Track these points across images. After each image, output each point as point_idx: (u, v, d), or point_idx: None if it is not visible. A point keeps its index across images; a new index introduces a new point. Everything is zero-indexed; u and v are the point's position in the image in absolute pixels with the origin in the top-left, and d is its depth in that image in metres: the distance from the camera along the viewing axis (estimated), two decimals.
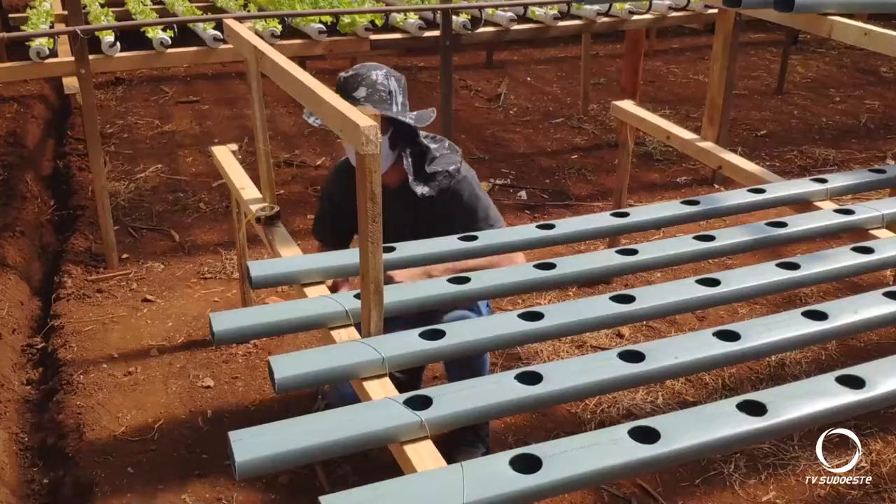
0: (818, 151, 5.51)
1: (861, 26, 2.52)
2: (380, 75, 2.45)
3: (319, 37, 4.15)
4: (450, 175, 2.52)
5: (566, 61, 7.85)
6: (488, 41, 5.53)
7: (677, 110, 6.31)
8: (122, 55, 3.80)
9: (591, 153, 5.54)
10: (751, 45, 8.12)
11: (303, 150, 5.46)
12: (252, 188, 2.88)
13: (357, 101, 2.39)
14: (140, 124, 5.92)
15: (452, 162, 2.55)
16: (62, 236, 4.32)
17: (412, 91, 2.79)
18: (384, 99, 2.42)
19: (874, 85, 7.07)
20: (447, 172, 2.52)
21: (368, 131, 1.68)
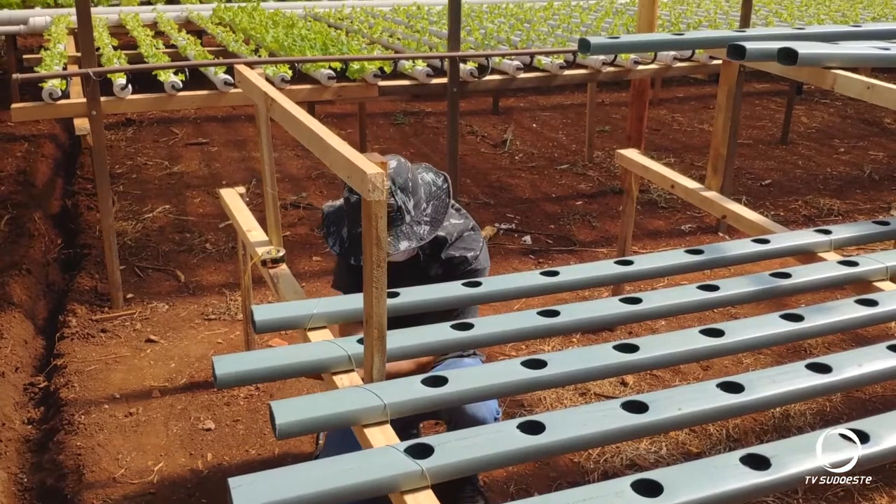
0: (823, 201, 5.53)
1: (864, 80, 2.55)
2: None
3: (329, 82, 4.21)
4: (466, 261, 2.44)
5: (572, 108, 7.93)
6: (495, 88, 5.59)
7: (682, 158, 6.35)
8: (133, 97, 3.85)
9: (595, 199, 5.57)
10: (755, 95, 8.19)
11: (310, 192, 5.50)
12: (259, 231, 2.89)
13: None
14: (149, 165, 5.97)
15: (472, 248, 2.46)
16: (68, 275, 4.34)
17: (419, 135, 2.81)
18: (394, 220, 2.30)
19: (878, 136, 7.11)
20: (465, 258, 2.43)
21: (375, 178, 1.70)
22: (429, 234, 2.35)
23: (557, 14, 6.36)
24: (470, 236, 2.48)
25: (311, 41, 4.69)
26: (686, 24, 5.75)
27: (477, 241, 2.49)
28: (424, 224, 2.35)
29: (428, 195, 2.42)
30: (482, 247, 2.50)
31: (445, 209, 2.41)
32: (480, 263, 2.47)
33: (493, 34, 5.37)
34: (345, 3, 6.88)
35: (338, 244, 2.42)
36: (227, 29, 5.48)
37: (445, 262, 2.45)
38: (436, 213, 2.39)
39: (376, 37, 5.36)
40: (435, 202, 2.42)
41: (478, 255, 2.47)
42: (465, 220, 2.53)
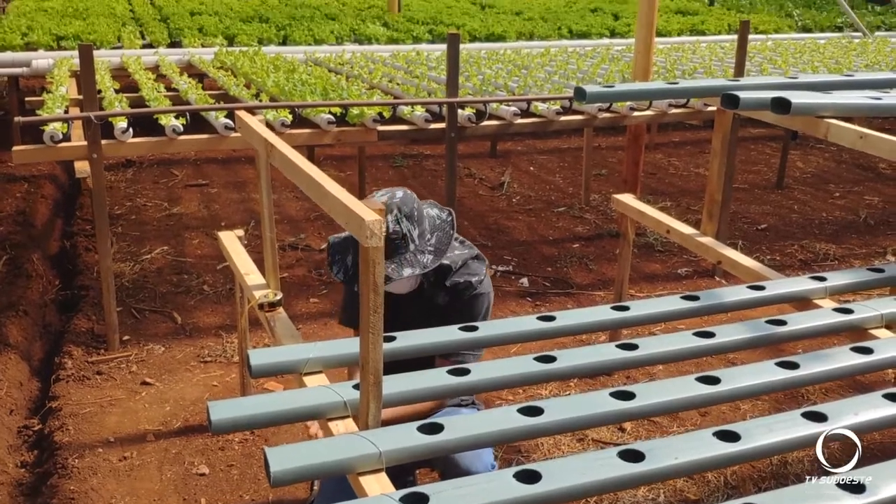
0: (819, 246, 5.55)
1: (857, 129, 2.59)
2: (389, 220, 2.33)
3: (329, 127, 4.25)
4: (471, 286, 2.47)
5: (568, 152, 8.00)
6: (492, 133, 5.65)
7: (678, 202, 6.39)
8: (134, 141, 3.89)
9: (592, 242, 5.59)
10: (751, 140, 8.27)
11: (308, 233, 5.52)
12: (256, 274, 2.90)
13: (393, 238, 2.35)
14: (148, 206, 6.00)
15: (476, 273, 2.50)
16: (65, 316, 4.33)
17: (417, 177, 2.84)
18: (399, 248, 2.34)
19: (873, 181, 7.17)
20: (469, 283, 2.47)
21: (373, 225, 1.71)
22: (432, 263, 2.39)
23: (554, 60, 6.45)
24: (473, 263, 2.53)
25: (312, 86, 4.74)
26: (681, 70, 5.83)
27: (480, 268, 2.53)
28: (428, 253, 2.40)
29: (432, 227, 2.47)
30: (485, 273, 2.54)
31: (449, 240, 2.46)
32: (484, 288, 2.51)
33: (490, 80, 5.44)
34: (345, 49, 6.97)
35: (342, 272, 2.44)
36: (228, 73, 5.54)
37: (451, 289, 2.48)
38: (439, 244, 2.44)
39: (376, 82, 5.42)
40: (439, 233, 2.47)
41: (482, 279, 2.51)
42: (469, 249, 2.58)
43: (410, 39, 7.62)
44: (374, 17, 8.66)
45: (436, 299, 2.50)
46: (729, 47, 7.20)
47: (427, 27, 8.07)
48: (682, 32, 8.55)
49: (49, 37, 6.58)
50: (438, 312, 2.50)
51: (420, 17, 8.64)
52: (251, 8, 9.03)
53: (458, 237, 2.58)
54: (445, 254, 2.44)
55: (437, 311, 2.51)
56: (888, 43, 8.10)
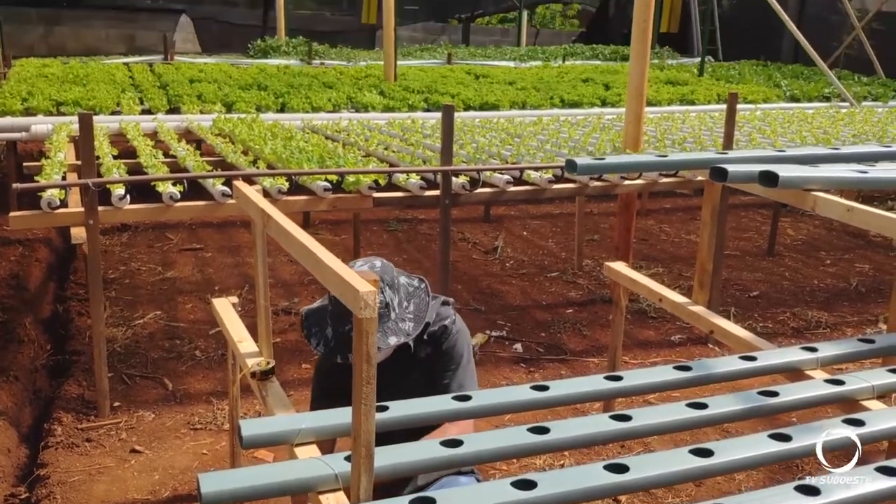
0: (810, 314, 5.58)
1: (844, 203, 2.63)
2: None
3: (325, 194, 4.30)
4: (447, 330, 2.58)
5: (561, 217, 8.08)
6: (486, 200, 5.71)
7: (670, 269, 6.44)
8: (131, 207, 3.92)
9: (585, 307, 5.61)
10: (741, 207, 8.36)
11: (301, 298, 5.53)
12: (249, 341, 2.90)
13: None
14: (142, 270, 6.01)
15: (447, 316, 2.60)
16: (56, 382, 4.30)
17: (412, 241, 2.87)
18: (381, 317, 2.37)
19: (863, 248, 7.23)
20: (444, 328, 2.57)
21: (367, 296, 1.73)
22: (414, 330, 2.45)
23: (546, 129, 6.56)
24: (442, 309, 2.61)
25: (309, 153, 4.81)
26: (671, 140, 5.93)
27: (448, 310, 2.62)
28: (409, 321, 2.45)
29: (408, 295, 2.53)
30: (454, 312, 2.63)
31: (426, 306, 2.53)
32: (458, 326, 2.61)
33: (484, 148, 5.52)
34: (342, 116, 7.09)
35: (322, 344, 2.46)
36: (226, 140, 5.62)
37: (430, 340, 2.55)
38: (418, 311, 2.50)
39: (372, 149, 5.50)
40: (415, 300, 2.53)
41: (454, 319, 2.60)
42: (434, 298, 2.64)
43: (406, 108, 7.75)
44: (371, 86, 8.82)
45: (418, 353, 2.55)
46: (718, 117, 7.33)
47: (422, 96, 8.22)
48: (671, 102, 8.72)
49: (49, 102, 6.67)
50: (419, 364, 2.54)
51: (416, 87, 8.80)
52: (250, 76, 9.20)
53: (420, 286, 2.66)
54: (424, 319, 2.51)
55: (416, 363, 2.55)
56: (875, 113, 8.26)
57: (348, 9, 17.09)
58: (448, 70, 11.14)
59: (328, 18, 17.35)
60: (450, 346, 2.59)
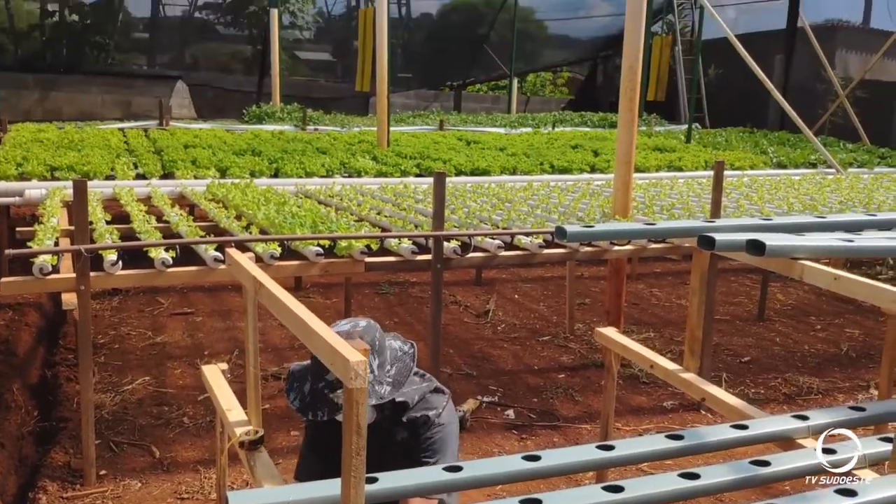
0: (802, 380, 5.57)
1: (830, 271, 2.66)
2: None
3: (317, 259, 4.32)
4: (428, 421, 2.52)
5: (552, 280, 8.11)
6: (477, 265, 5.74)
7: (661, 333, 6.44)
8: (123, 273, 3.93)
9: (577, 372, 5.59)
10: (731, 272, 8.41)
11: (291, 363, 5.49)
12: (238, 409, 2.88)
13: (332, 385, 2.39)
14: (132, 335, 5.98)
15: (434, 406, 2.54)
16: (42, 448, 4.24)
17: (403, 304, 2.88)
18: None
19: (853, 313, 7.26)
20: (427, 418, 2.51)
21: (358, 366, 1.73)
22: (388, 395, 2.42)
23: (537, 194, 6.63)
24: (432, 397, 2.56)
25: (301, 218, 4.85)
26: (659, 206, 6.00)
27: (439, 401, 2.56)
28: (387, 384, 2.44)
29: (393, 358, 2.52)
30: (445, 404, 2.56)
31: (408, 372, 2.51)
32: (444, 419, 2.54)
33: (475, 213, 5.58)
34: (335, 181, 7.16)
35: (297, 399, 2.47)
36: (219, 205, 5.65)
37: (409, 425, 2.51)
38: (398, 375, 2.48)
39: (364, 214, 5.54)
40: (399, 365, 2.52)
41: (440, 412, 2.53)
42: (429, 382, 2.62)
43: (399, 173, 7.84)
44: (364, 152, 8.93)
45: (395, 435, 2.51)
46: (706, 183, 7.44)
47: (415, 161, 8.32)
48: (660, 168, 8.84)
49: (43, 167, 6.72)
50: (400, 447, 2.51)
51: (408, 152, 8.92)
52: (244, 142, 9.31)
53: (418, 371, 2.63)
54: (403, 385, 2.48)
55: (397, 445, 2.52)
56: (861, 179, 8.40)
57: (343, 76, 17.41)
58: (440, 136, 11.31)
59: (323, 85, 17.66)
60: (428, 438, 2.53)
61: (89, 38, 15.92)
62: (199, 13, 16.85)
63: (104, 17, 16.05)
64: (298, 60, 17.71)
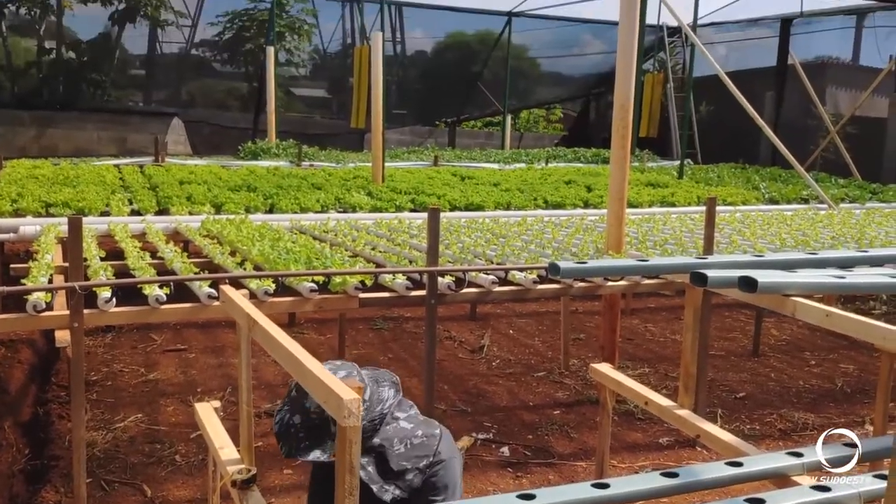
0: (797, 415, 5.55)
1: (823, 308, 2.68)
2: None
3: (311, 295, 4.32)
4: (420, 472, 2.45)
5: (547, 315, 8.10)
6: (472, 300, 5.75)
7: (656, 368, 6.43)
8: (116, 310, 3.92)
9: (572, 409, 5.57)
10: (725, 307, 8.42)
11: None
12: (231, 447, 2.87)
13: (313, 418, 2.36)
14: (125, 372, 5.95)
15: (426, 453, 2.47)
16: (33, 487, 4.19)
17: (398, 340, 2.87)
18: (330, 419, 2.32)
19: (848, 349, 7.26)
20: (417, 470, 2.44)
21: (351, 404, 1.73)
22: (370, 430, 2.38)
23: (531, 230, 6.66)
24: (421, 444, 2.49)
25: (296, 254, 4.85)
26: (653, 241, 6.02)
27: (429, 446, 2.49)
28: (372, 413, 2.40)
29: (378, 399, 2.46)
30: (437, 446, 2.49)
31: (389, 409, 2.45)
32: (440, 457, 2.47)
33: (469, 248, 5.59)
34: (329, 217, 7.18)
35: (277, 424, 2.45)
36: (214, 241, 5.66)
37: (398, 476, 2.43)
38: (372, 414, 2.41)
39: (359, 249, 5.55)
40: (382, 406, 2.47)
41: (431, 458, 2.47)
42: (413, 425, 2.54)
43: (393, 208, 7.87)
44: (359, 187, 8.98)
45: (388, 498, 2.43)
46: (699, 219, 7.48)
47: (409, 196, 8.37)
48: (652, 203, 8.90)
49: (38, 204, 6.73)
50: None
51: (403, 188, 8.96)
52: (240, 178, 9.35)
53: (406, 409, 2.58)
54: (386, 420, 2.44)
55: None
56: (852, 215, 8.45)
57: (338, 112, 17.54)
58: (434, 172, 11.38)
59: (318, 121, 17.79)
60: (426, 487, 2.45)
61: (86, 75, 16.04)
62: (196, 50, 17.01)
63: (101, 55, 16.18)
64: (294, 97, 17.85)
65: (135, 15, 15.90)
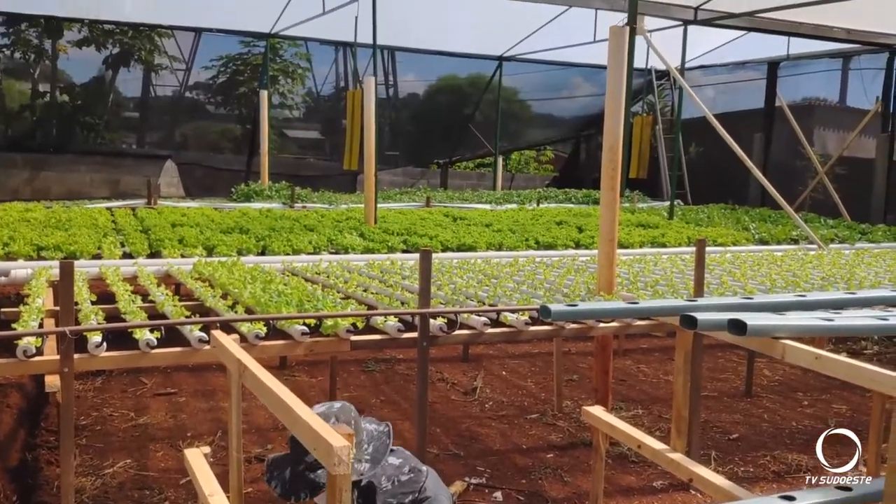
0: (790, 457, 5.53)
1: (812, 351, 2.69)
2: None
3: (302, 338, 4.32)
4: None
5: (539, 356, 8.09)
6: (464, 342, 5.74)
7: (650, 410, 6.41)
8: (107, 355, 3.90)
9: (566, 452, 5.54)
10: (717, 347, 8.41)
11: (275, 444, 5.42)
12: (220, 495, 2.84)
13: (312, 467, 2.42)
14: (115, 416, 5.90)
15: (412, 489, 2.52)
16: None
17: (389, 382, 2.88)
18: None
19: (840, 389, 7.25)
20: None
21: (341, 451, 1.73)
22: (368, 471, 2.45)
23: (522, 270, 6.68)
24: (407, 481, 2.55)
25: (288, 297, 4.85)
26: (644, 282, 6.04)
27: (415, 482, 2.56)
28: (365, 462, 2.46)
29: (369, 438, 2.55)
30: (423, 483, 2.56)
31: (385, 449, 2.55)
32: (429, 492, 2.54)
33: (461, 289, 5.60)
34: (322, 258, 7.19)
35: (279, 486, 2.48)
36: (205, 284, 5.66)
37: None
38: (376, 453, 2.52)
39: (351, 291, 5.56)
40: (376, 443, 2.55)
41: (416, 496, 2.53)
42: (402, 460, 2.62)
43: (385, 249, 7.89)
44: (352, 229, 9.00)
45: None
46: (689, 259, 7.51)
47: (401, 237, 8.39)
48: (643, 244, 8.94)
49: (30, 247, 6.73)
50: None
51: (395, 229, 8.99)
52: (232, 220, 9.37)
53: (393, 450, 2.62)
54: (381, 462, 2.51)
55: None
56: (842, 255, 8.50)
57: (331, 154, 17.64)
58: (427, 212, 11.43)
59: (311, 163, 17.88)
60: None
61: (79, 118, 16.12)
62: (190, 93, 17.13)
63: (95, 98, 16.29)
64: (287, 139, 17.97)
65: (129, 59, 16.05)
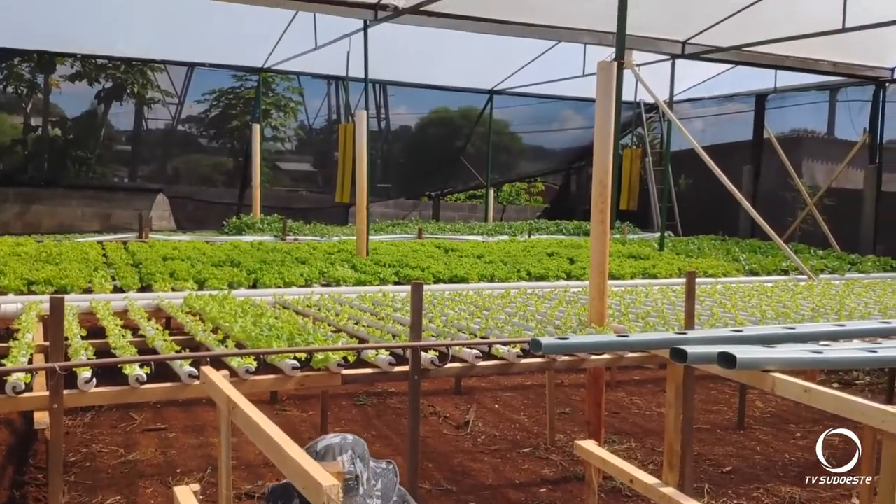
0: (784, 490, 5.51)
1: (801, 384, 2.70)
2: (345, 459, 2.45)
3: (293, 372, 4.30)
4: None
5: (532, 389, 8.06)
6: (456, 375, 5.72)
7: (643, 443, 6.38)
8: (96, 391, 3.88)
9: (559, 486, 5.50)
10: (709, 379, 8.40)
11: (265, 480, 5.37)
12: None
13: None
14: (104, 453, 5.84)
15: None
16: None
17: (381, 416, 2.87)
18: (350, 489, 2.42)
19: (832, 420, 7.17)
20: None
21: (331, 490, 1.72)
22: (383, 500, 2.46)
23: (514, 302, 6.69)
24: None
25: (279, 330, 4.84)
26: (635, 314, 6.06)
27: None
28: (376, 498, 2.47)
29: (375, 474, 2.56)
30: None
31: (394, 486, 2.55)
32: None
33: (453, 321, 5.60)
34: (313, 291, 7.18)
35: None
36: (196, 317, 5.64)
37: None
38: (385, 490, 2.53)
39: (342, 324, 5.55)
40: (383, 479, 2.57)
41: None
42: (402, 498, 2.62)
43: (377, 281, 7.89)
44: (344, 261, 9.01)
45: None
46: (680, 290, 7.53)
47: (393, 269, 8.40)
48: (634, 276, 8.97)
49: (20, 282, 6.70)
50: None
51: (387, 261, 9.00)
52: (223, 253, 9.36)
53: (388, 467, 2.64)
54: (391, 499, 2.48)
55: None
56: (832, 286, 8.54)
57: (323, 186, 17.68)
58: (419, 244, 11.45)
59: (303, 196, 17.91)
60: None
61: (71, 151, 16.14)
62: (182, 127, 17.19)
63: (87, 132, 16.31)
64: (280, 171, 18.02)
65: (121, 93, 16.10)
